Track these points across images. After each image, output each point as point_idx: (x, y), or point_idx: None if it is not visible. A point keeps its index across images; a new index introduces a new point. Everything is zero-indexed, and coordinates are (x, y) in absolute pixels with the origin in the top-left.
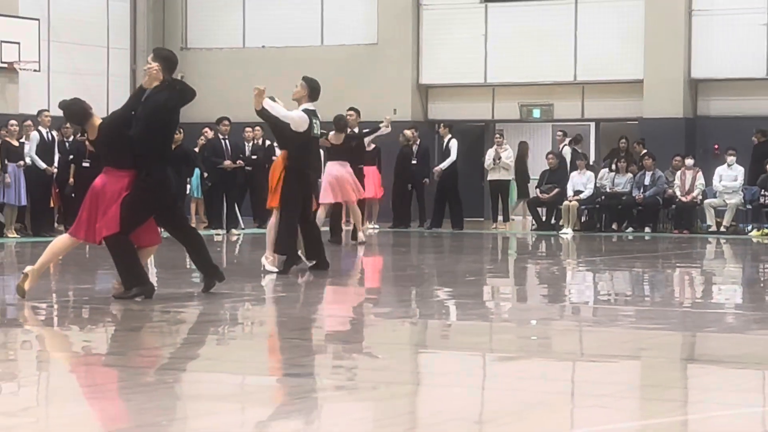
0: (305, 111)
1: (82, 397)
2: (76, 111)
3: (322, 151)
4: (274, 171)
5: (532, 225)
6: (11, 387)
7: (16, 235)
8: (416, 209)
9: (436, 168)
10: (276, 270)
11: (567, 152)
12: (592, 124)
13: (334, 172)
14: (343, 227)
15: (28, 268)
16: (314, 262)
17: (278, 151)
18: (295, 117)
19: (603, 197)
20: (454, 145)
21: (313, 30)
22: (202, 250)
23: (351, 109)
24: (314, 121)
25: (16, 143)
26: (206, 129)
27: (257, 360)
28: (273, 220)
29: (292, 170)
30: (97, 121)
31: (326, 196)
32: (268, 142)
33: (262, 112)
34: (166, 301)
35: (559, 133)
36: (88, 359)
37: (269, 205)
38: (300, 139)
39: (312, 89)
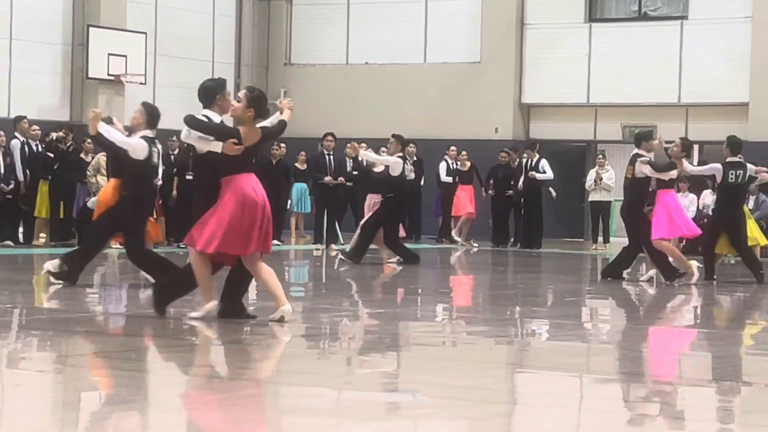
0: (144, 138)
1: (182, 408)
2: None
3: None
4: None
5: None
6: (113, 397)
7: (117, 245)
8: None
9: (540, 175)
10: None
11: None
12: (696, 147)
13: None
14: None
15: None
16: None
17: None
18: (133, 144)
19: (705, 220)
20: (546, 163)
21: (416, 48)
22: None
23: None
24: (153, 149)
25: None
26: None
27: (354, 375)
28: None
29: (129, 198)
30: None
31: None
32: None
33: (98, 137)
34: (265, 314)
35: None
36: (188, 371)
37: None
38: (138, 166)
39: (151, 116)
